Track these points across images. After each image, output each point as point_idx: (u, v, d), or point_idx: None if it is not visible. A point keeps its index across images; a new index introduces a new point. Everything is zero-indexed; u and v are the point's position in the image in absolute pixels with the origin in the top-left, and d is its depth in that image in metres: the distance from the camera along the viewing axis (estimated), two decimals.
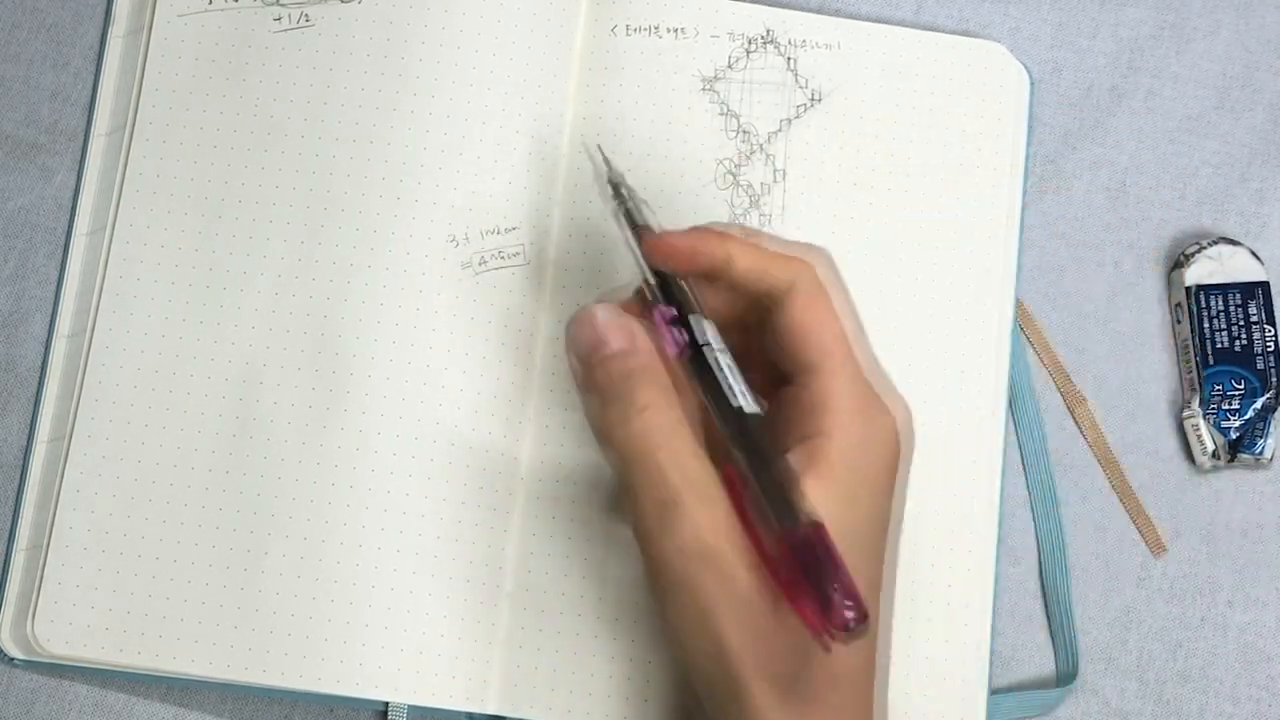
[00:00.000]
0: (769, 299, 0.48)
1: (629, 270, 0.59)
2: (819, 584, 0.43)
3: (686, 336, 0.48)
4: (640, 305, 0.50)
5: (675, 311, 0.49)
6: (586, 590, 0.57)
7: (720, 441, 0.47)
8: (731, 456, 0.46)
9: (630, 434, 0.46)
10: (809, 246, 0.49)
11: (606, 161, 0.52)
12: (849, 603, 0.42)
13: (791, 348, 0.48)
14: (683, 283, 0.49)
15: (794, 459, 0.46)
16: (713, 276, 0.49)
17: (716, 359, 0.48)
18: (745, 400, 0.47)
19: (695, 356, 0.48)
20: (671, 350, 0.48)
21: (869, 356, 0.48)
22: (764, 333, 0.49)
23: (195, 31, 0.61)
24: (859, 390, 0.47)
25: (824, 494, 0.45)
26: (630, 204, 0.51)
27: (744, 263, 0.48)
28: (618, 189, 0.51)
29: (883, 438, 0.47)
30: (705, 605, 0.45)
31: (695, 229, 0.49)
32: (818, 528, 0.44)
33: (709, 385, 0.47)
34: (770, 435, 0.47)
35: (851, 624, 0.42)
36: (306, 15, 0.61)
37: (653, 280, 0.49)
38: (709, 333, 0.48)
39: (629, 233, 0.51)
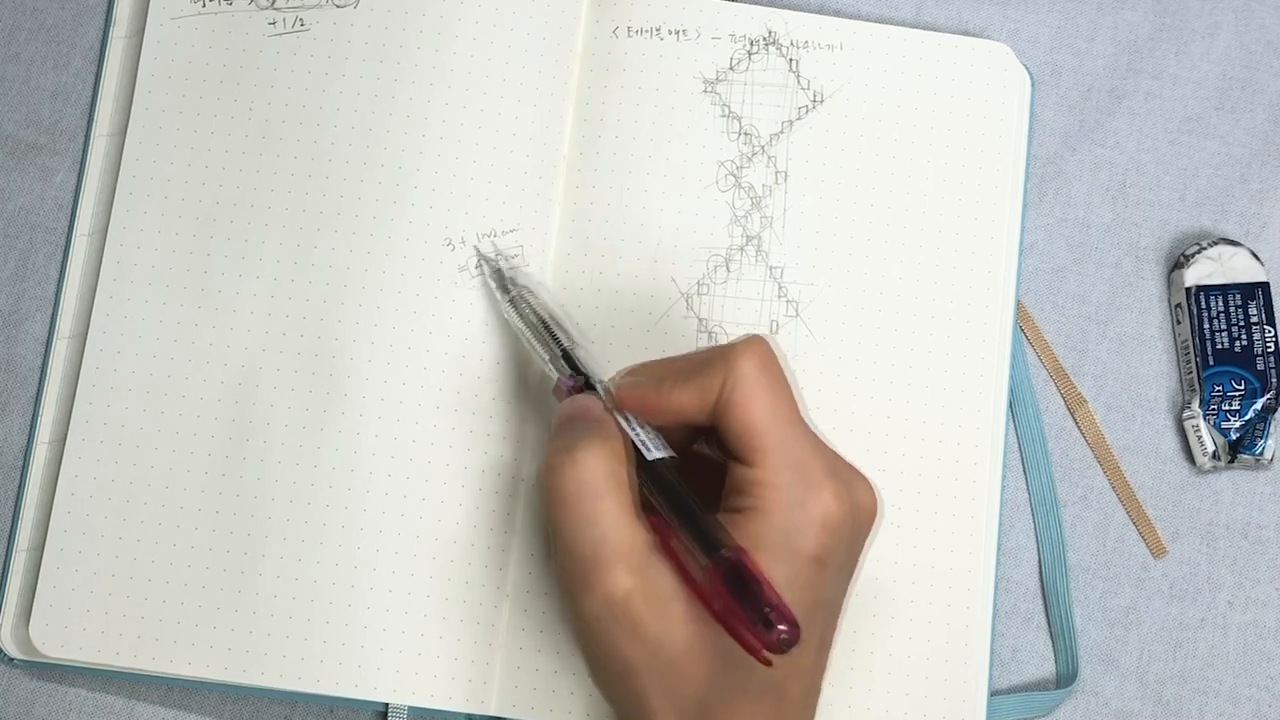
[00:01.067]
0: (714, 408, 0.50)
1: (628, 272, 0.60)
2: (750, 605, 0.45)
3: (573, 383, 0.53)
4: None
5: (577, 381, 0.53)
6: None
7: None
8: (651, 505, 0.49)
9: (548, 484, 0.49)
10: (740, 341, 0.50)
11: (485, 260, 0.57)
12: (782, 626, 0.45)
13: (730, 438, 0.49)
14: (581, 354, 0.54)
15: (732, 529, 0.48)
16: (673, 422, 0.51)
17: (625, 416, 0.51)
18: (650, 448, 0.50)
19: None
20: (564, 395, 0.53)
21: (802, 441, 0.49)
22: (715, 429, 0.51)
23: (188, 35, 0.61)
24: (792, 472, 0.48)
25: (760, 561, 0.47)
26: (515, 293, 0.57)
27: (684, 402, 0.50)
28: (503, 281, 0.57)
29: (817, 513, 0.48)
30: (620, 657, 0.47)
31: (631, 387, 0.51)
32: (739, 552, 0.46)
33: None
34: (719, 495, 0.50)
35: (783, 640, 0.44)
36: (301, 19, 0.61)
37: (546, 355, 0.55)
38: (604, 390, 0.52)
39: (520, 323, 0.56)
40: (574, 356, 0.54)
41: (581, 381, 0.53)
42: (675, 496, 0.49)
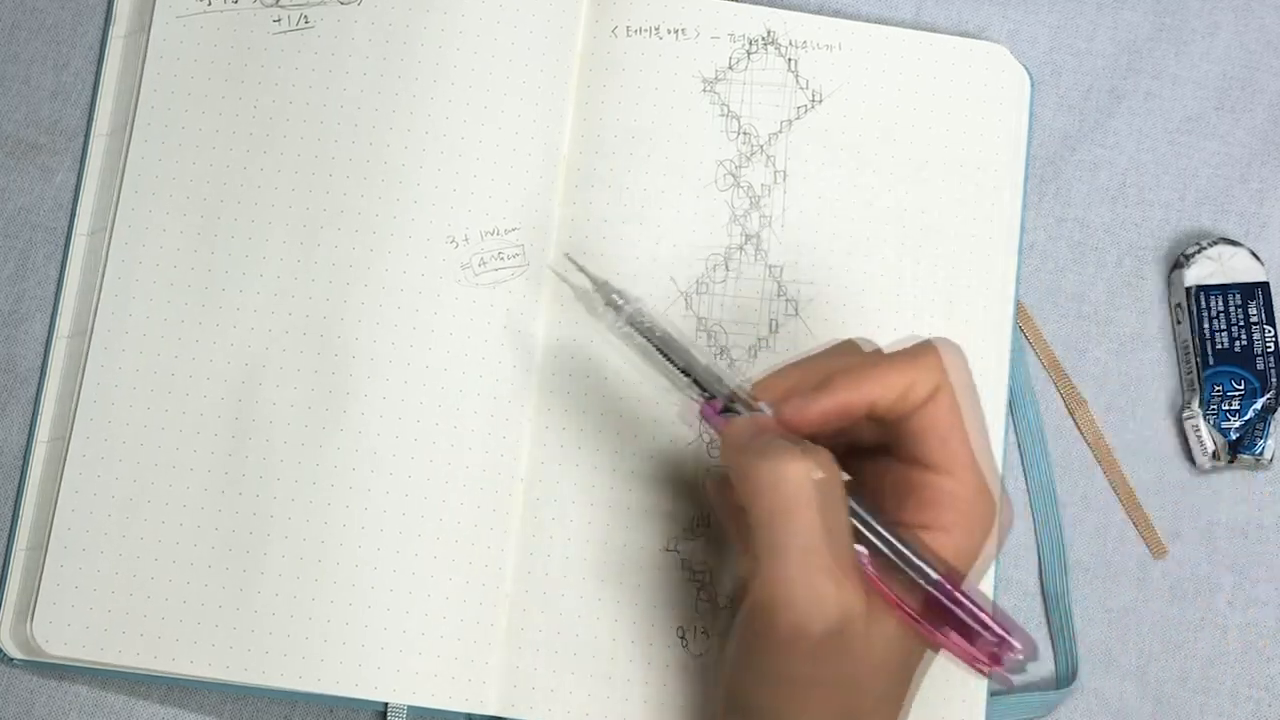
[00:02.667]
0: (914, 408, 0.48)
1: (628, 272, 0.60)
2: (972, 628, 0.46)
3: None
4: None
5: (721, 403, 0.50)
6: (586, 590, 0.57)
7: None
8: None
9: (797, 487, 0.46)
10: (938, 343, 0.49)
11: (583, 270, 0.55)
12: (1018, 645, 0.46)
13: (919, 445, 0.48)
14: (722, 370, 0.51)
15: (930, 541, 0.47)
16: (847, 422, 0.49)
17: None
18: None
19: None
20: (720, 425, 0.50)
21: (986, 451, 0.49)
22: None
23: (194, 33, 0.61)
24: (980, 492, 0.48)
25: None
26: (632, 311, 0.53)
27: (884, 399, 0.48)
28: (612, 297, 0.54)
29: (987, 530, 0.48)
30: (811, 675, 0.46)
31: (821, 390, 0.48)
32: (952, 576, 0.46)
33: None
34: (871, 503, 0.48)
35: (1021, 660, 0.46)
36: (306, 17, 0.61)
37: (688, 381, 0.51)
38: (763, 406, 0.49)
39: (650, 347, 0.52)
40: (714, 374, 0.51)
41: (725, 399, 0.50)
42: (877, 517, 0.47)
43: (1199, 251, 0.61)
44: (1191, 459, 0.61)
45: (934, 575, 0.46)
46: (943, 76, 0.62)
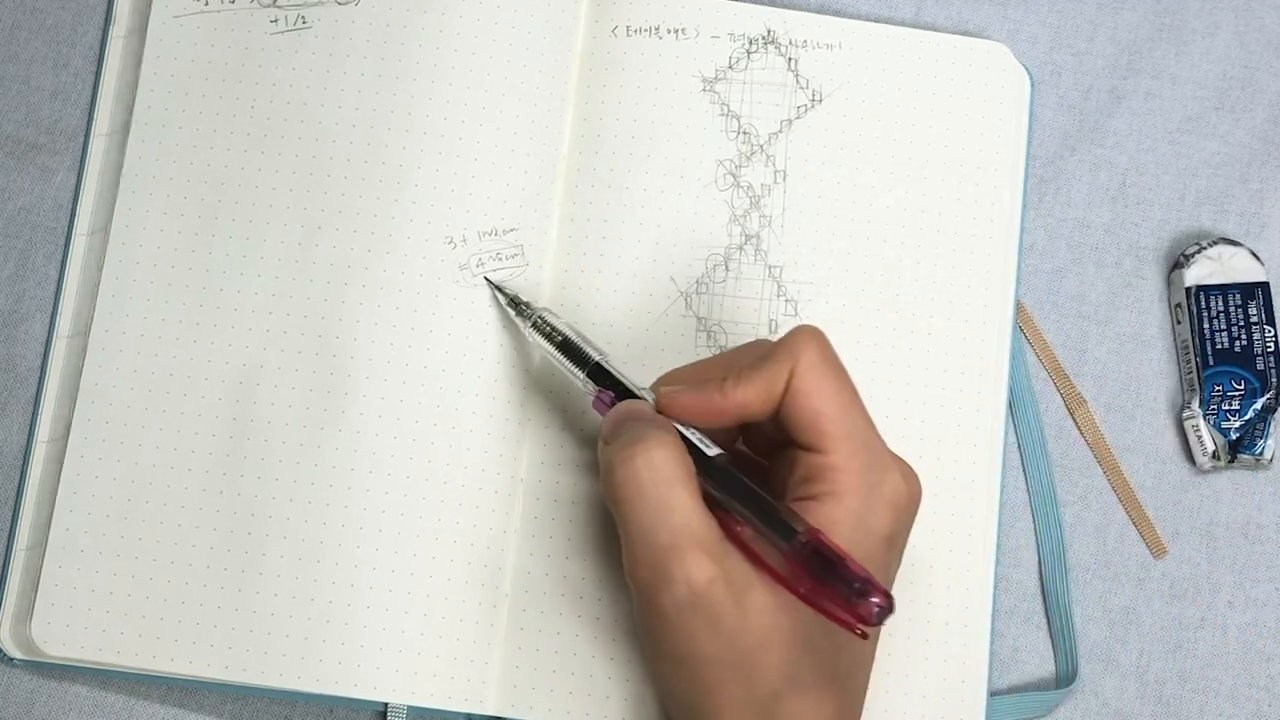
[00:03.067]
0: (781, 398, 0.50)
1: (628, 272, 0.60)
2: (840, 582, 0.45)
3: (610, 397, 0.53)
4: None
5: (613, 394, 0.53)
6: (586, 590, 0.57)
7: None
8: (713, 502, 0.49)
9: (616, 479, 0.49)
10: (799, 330, 0.50)
11: (499, 289, 0.58)
12: (875, 598, 0.45)
13: (798, 427, 0.49)
14: (616, 364, 0.54)
15: (807, 516, 0.48)
16: (734, 422, 0.51)
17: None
18: (708, 446, 0.50)
19: None
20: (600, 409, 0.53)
21: (868, 425, 0.50)
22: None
23: (191, 33, 0.61)
24: (863, 455, 0.49)
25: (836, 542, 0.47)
26: (537, 317, 0.56)
27: (750, 397, 0.50)
28: (520, 307, 0.57)
29: (888, 494, 0.49)
30: (696, 650, 0.47)
31: (687, 392, 0.51)
32: (816, 533, 0.46)
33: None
34: (770, 487, 0.50)
35: (879, 611, 0.44)
36: (303, 17, 0.61)
37: (581, 373, 0.54)
38: (648, 395, 0.52)
39: (547, 343, 0.56)
40: (608, 368, 0.54)
41: (618, 392, 0.53)
42: (743, 488, 0.49)
43: (1199, 251, 0.61)
44: (1191, 459, 0.61)
45: (797, 529, 0.47)
46: (943, 76, 0.62)
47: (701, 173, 0.61)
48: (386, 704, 0.56)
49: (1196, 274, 0.61)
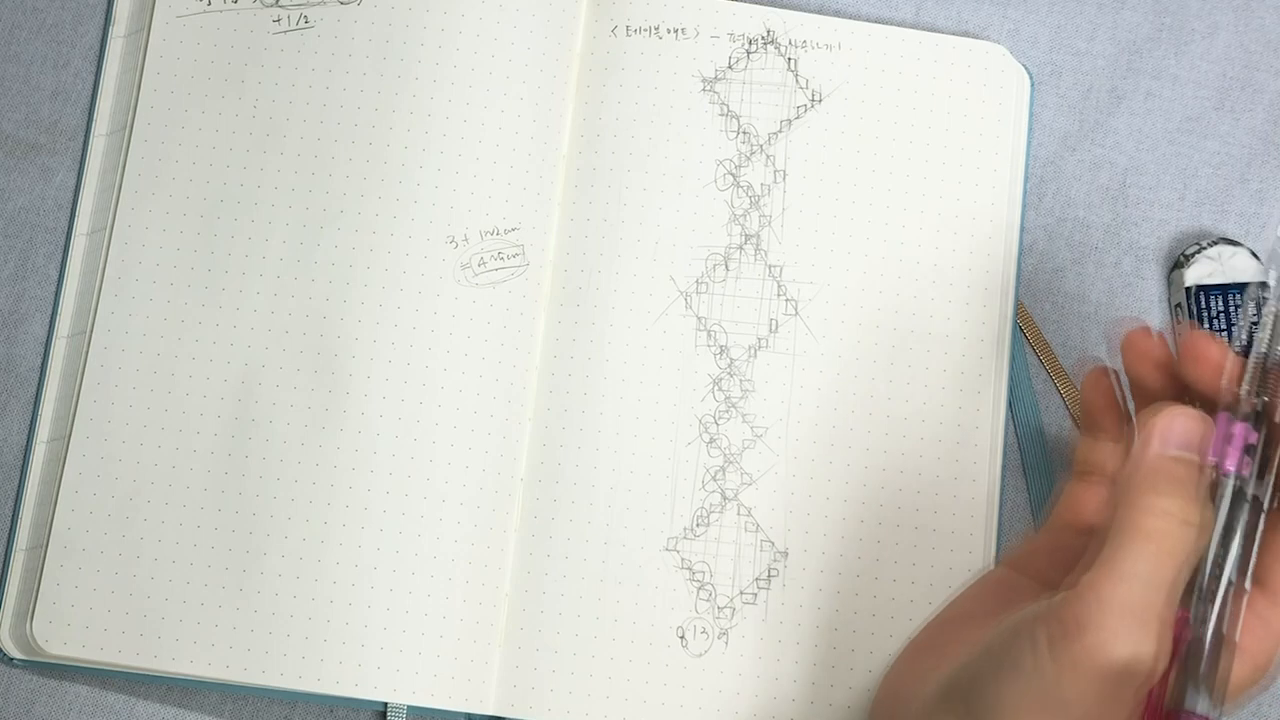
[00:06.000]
0: None
1: (628, 272, 0.60)
2: None
3: (1247, 471, 0.46)
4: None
5: (1255, 438, 0.47)
6: (586, 590, 0.57)
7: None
8: (1198, 610, 0.46)
9: (1160, 528, 0.44)
10: None
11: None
12: None
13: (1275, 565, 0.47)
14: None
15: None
16: None
17: (1261, 529, 0.47)
18: (1247, 579, 0.46)
19: (1234, 499, 0.46)
20: (1229, 466, 0.46)
21: None
22: None
23: (194, 33, 0.61)
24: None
25: None
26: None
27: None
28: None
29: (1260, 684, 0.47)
30: (1086, 702, 0.44)
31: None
32: None
33: (1225, 536, 0.46)
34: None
35: None
36: (306, 17, 0.61)
37: (1259, 400, 0.47)
38: (1269, 493, 0.47)
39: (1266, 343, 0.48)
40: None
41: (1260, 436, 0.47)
42: (1222, 635, 0.46)
43: (1199, 251, 0.61)
44: None
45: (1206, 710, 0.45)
46: (943, 76, 0.62)
47: (701, 172, 0.61)
48: (386, 704, 0.56)
49: (1196, 274, 0.61)
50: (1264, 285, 0.48)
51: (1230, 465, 0.46)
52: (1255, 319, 0.48)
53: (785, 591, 0.57)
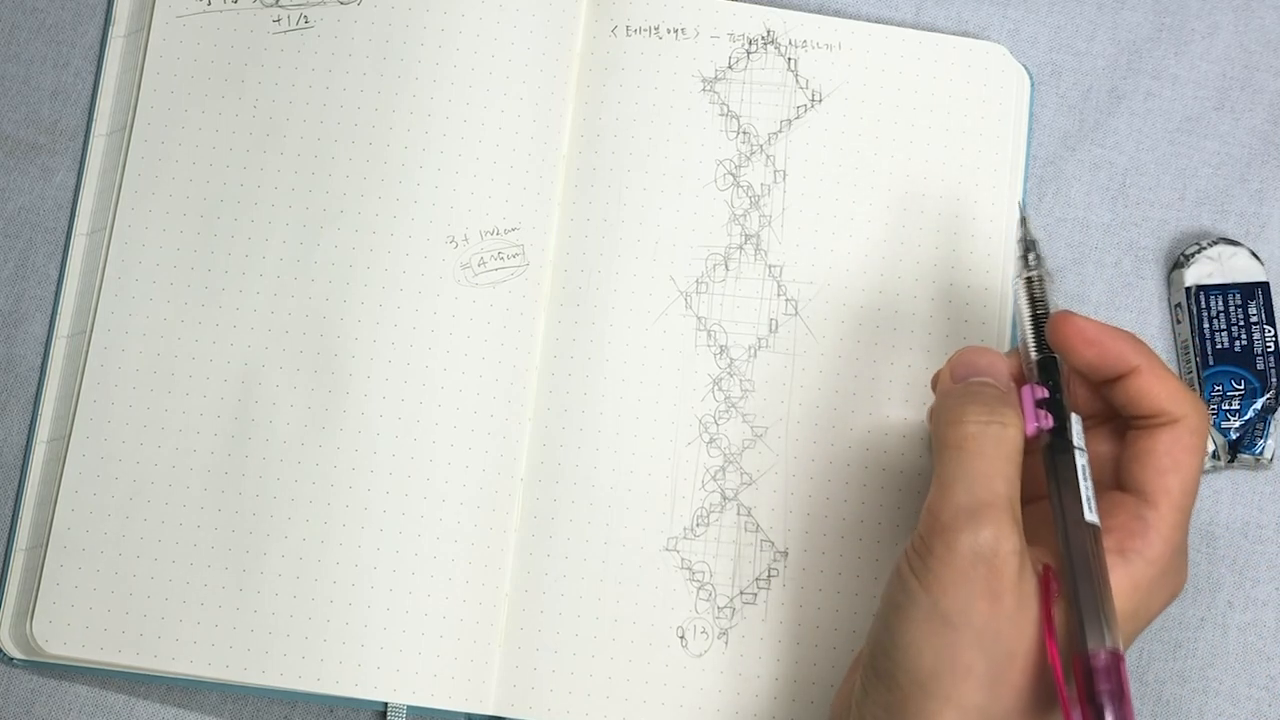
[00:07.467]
0: (1142, 421, 0.49)
1: (628, 271, 0.60)
2: (1102, 710, 0.45)
3: (1050, 424, 0.49)
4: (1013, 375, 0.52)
5: (1046, 394, 0.50)
6: (586, 590, 0.57)
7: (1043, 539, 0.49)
8: (1059, 558, 0.47)
9: (966, 433, 0.48)
10: (1195, 397, 0.50)
11: (1024, 222, 0.53)
12: None
13: (1141, 471, 0.49)
14: (1063, 372, 0.51)
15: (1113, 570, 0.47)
16: (1097, 377, 0.50)
17: (1082, 465, 0.49)
18: (1091, 513, 0.48)
19: (1050, 449, 0.49)
20: (1029, 430, 0.49)
21: (1187, 522, 0.49)
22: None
23: (194, 33, 0.61)
24: (1178, 541, 0.49)
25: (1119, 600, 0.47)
26: (1036, 274, 0.52)
27: (1149, 382, 0.49)
28: (1028, 254, 0.53)
29: (1170, 586, 0.49)
30: (960, 606, 0.46)
31: (1110, 327, 0.50)
32: (1118, 658, 0.46)
33: (1057, 483, 0.49)
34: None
35: None
36: (306, 17, 0.61)
37: (1035, 356, 0.51)
38: (1078, 433, 0.49)
39: (1024, 301, 0.52)
40: (1060, 370, 0.51)
41: (1051, 393, 0.50)
42: (1089, 568, 0.47)
43: (1199, 251, 0.61)
44: None
45: (1106, 644, 0.46)
46: (943, 76, 0.62)
47: (701, 172, 0.61)
48: (386, 704, 0.56)
49: (1196, 274, 0.61)
50: (1026, 257, 0.52)
51: (1031, 426, 0.49)
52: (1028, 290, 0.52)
53: (785, 591, 0.57)
